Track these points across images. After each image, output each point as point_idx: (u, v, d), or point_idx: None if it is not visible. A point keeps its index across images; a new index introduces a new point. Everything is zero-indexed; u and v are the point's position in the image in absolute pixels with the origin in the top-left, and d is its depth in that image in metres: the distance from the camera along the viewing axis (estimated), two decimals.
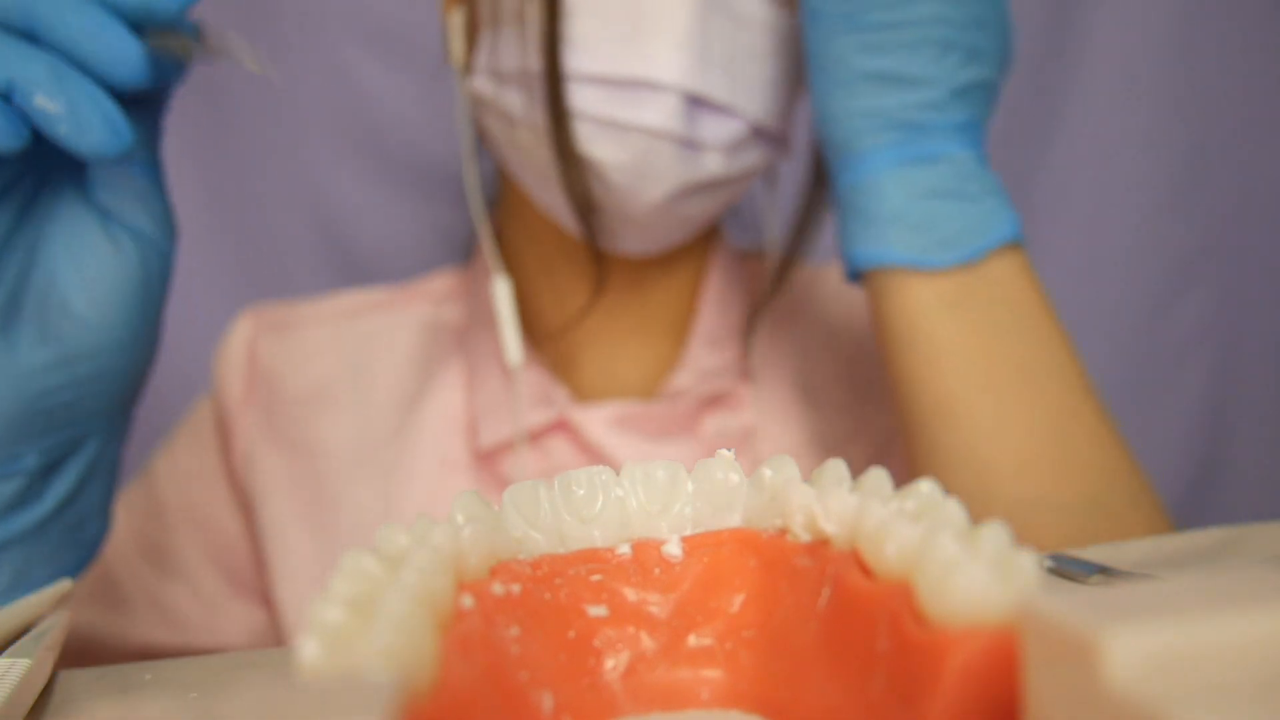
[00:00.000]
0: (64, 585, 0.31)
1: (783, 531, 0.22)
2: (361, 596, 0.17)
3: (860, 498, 0.20)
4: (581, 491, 0.23)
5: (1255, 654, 0.14)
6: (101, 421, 0.34)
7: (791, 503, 0.22)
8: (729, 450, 0.24)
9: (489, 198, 0.56)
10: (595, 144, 0.44)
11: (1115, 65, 0.71)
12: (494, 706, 0.19)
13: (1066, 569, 0.27)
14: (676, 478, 0.23)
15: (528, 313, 0.55)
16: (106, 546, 0.51)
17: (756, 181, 0.53)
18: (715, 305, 0.57)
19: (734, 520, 0.23)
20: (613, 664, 0.21)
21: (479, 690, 0.18)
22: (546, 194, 0.48)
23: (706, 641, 0.22)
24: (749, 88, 0.46)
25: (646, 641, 0.22)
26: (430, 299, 0.60)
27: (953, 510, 0.19)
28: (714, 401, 0.54)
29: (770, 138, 0.48)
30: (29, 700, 0.22)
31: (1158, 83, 0.72)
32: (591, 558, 0.22)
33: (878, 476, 0.21)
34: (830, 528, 0.21)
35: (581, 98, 0.44)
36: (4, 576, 0.32)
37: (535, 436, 0.52)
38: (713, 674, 0.21)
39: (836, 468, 0.22)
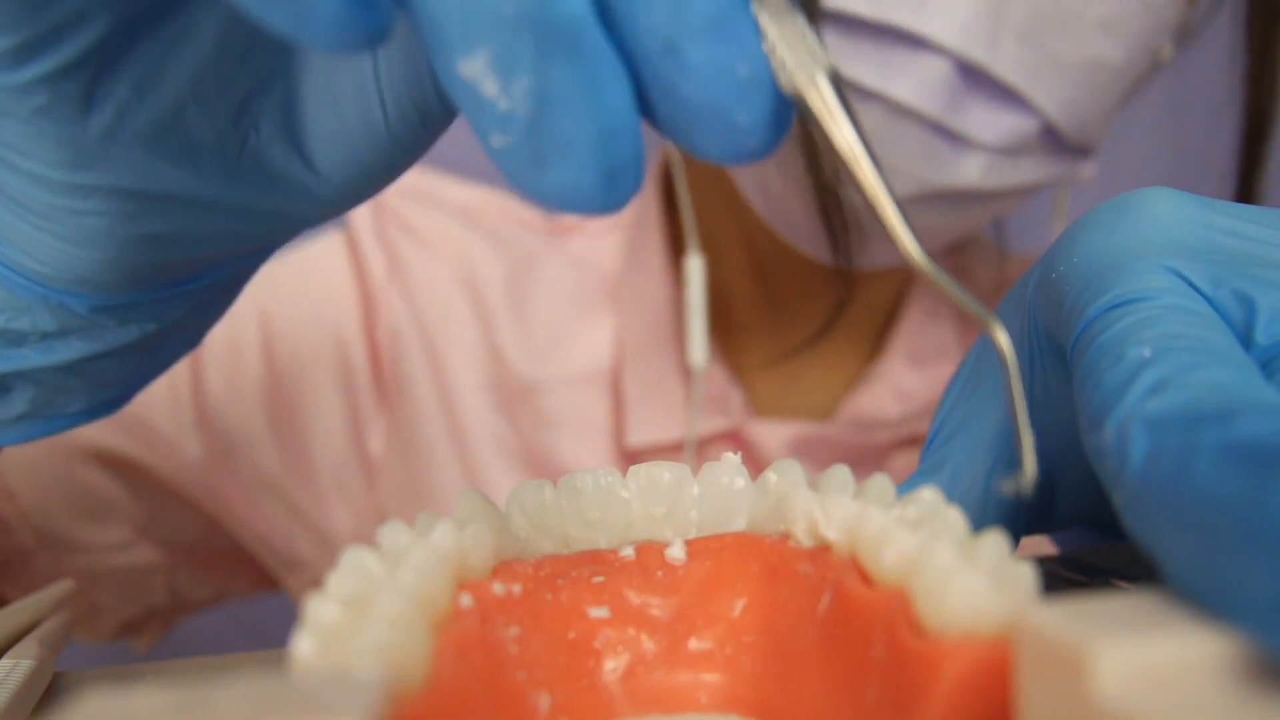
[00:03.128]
0: (64, 585, 0.31)
1: (785, 537, 0.22)
2: (358, 594, 0.18)
3: (861, 504, 0.20)
4: (586, 493, 0.23)
5: (1246, 668, 0.14)
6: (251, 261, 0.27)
7: (794, 508, 0.22)
8: (735, 454, 0.24)
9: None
10: None
11: None
12: (489, 706, 0.19)
13: (1072, 575, 0.27)
14: (682, 481, 0.23)
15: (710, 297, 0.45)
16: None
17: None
18: (921, 315, 0.48)
19: (738, 524, 0.23)
20: (612, 666, 0.21)
21: (474, 689, 0.18)
22: (764, 172, 0.38)
23: (707, 645, 0.22)
24: (1054, 71, 0.34)
25: (647, 644, 0.22)
26: (585, 233, 0.51)
27: (953, 518, 0.19)
28: (913, 440, 0.46)
29: (1068, 146, 0.37)
30: (32, 701, 0.23)
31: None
32: (594, 559, 0.23)
33: (880, 483, 0.21)
34: (831, 534, 0.21)
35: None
36: (100, 382, 0.28)
37: (700, 444, 0.45)
38: (712, 678, 0.21)
39: (840, 474, 0.22)
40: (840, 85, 0.18)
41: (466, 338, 0.52)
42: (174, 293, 0.25)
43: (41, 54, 0.19)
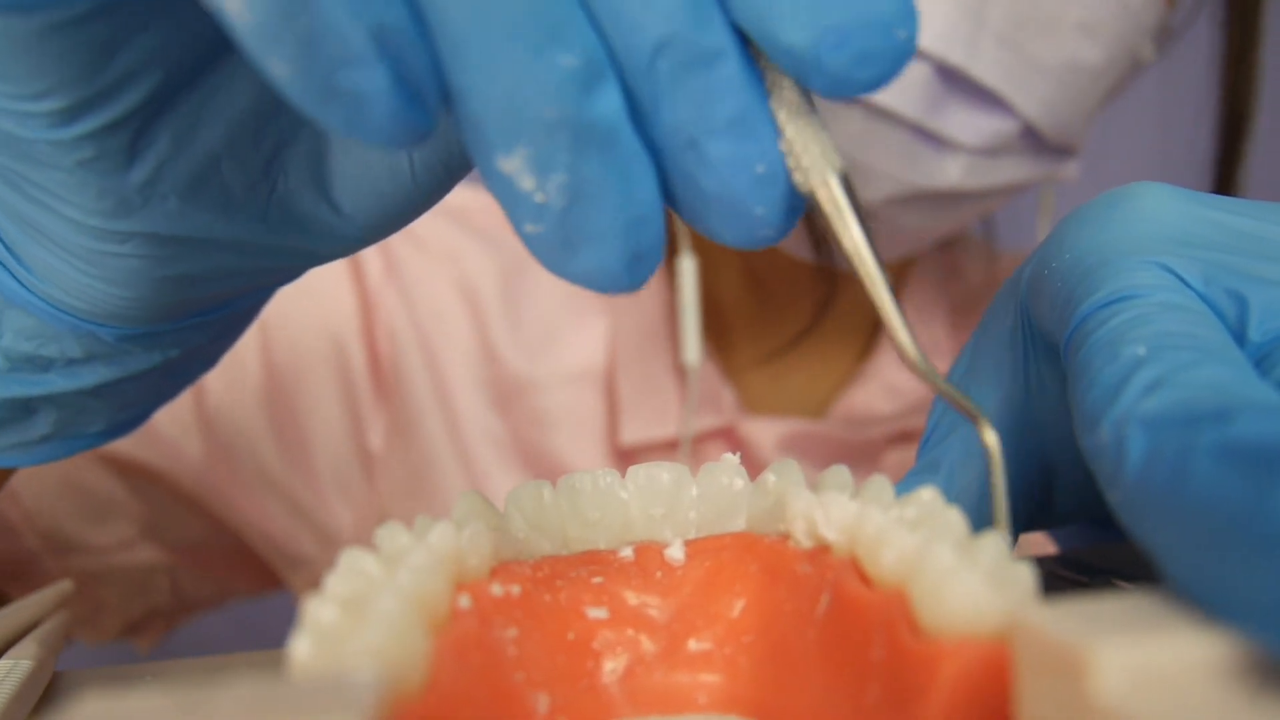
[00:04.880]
0: (64, 585, 0.31)
1: (785, 537, 0.22)
2: (357, 595, 0.18)
3: (860, 504, 0.20)
4: (585, 494, 0.23)
5: (1246, 669, 0.13)
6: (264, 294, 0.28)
7: (793, 508, 0.22)
8: (735, 454, 0.24)
9: None
10: None
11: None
12: (488, 707, 0.19)
13: (1072, 574, 0.27)
14: (681, 481, 0.23)
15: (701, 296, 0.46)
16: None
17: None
18: (912, 312, 0.48)
19: (737, 525, 0.23)
20: (611, 667, 0.21)
21: (472, 691, 0.18)
22: None
23: (706, 646, 0.22)
24: (1033, 73, 0.34)
25: (646, 645, 0.22)
26: None
27: (953, 519, 0.19)
28: (906, 436, 0.47)
29: (1048, 147, 0.38)
30: (31, 701, 0.23)
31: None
32: (593, 560, 0.22)
33: (879, 483, 0.21)
34: (830, 534, 0.21)
35: None
36: (122, 401, 0.28)
37: (693, 442, 0.46)
38: (711, 679, 0.21)
39: (839, 474, 0.22)
40: (850, 186, 0.19)
41: (462, 337, 0.53)
42: (198, 321, 0.26)
43: (89, 114, 0.20)
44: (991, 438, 0.21)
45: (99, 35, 0.19)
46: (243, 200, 0.23)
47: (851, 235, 0.19)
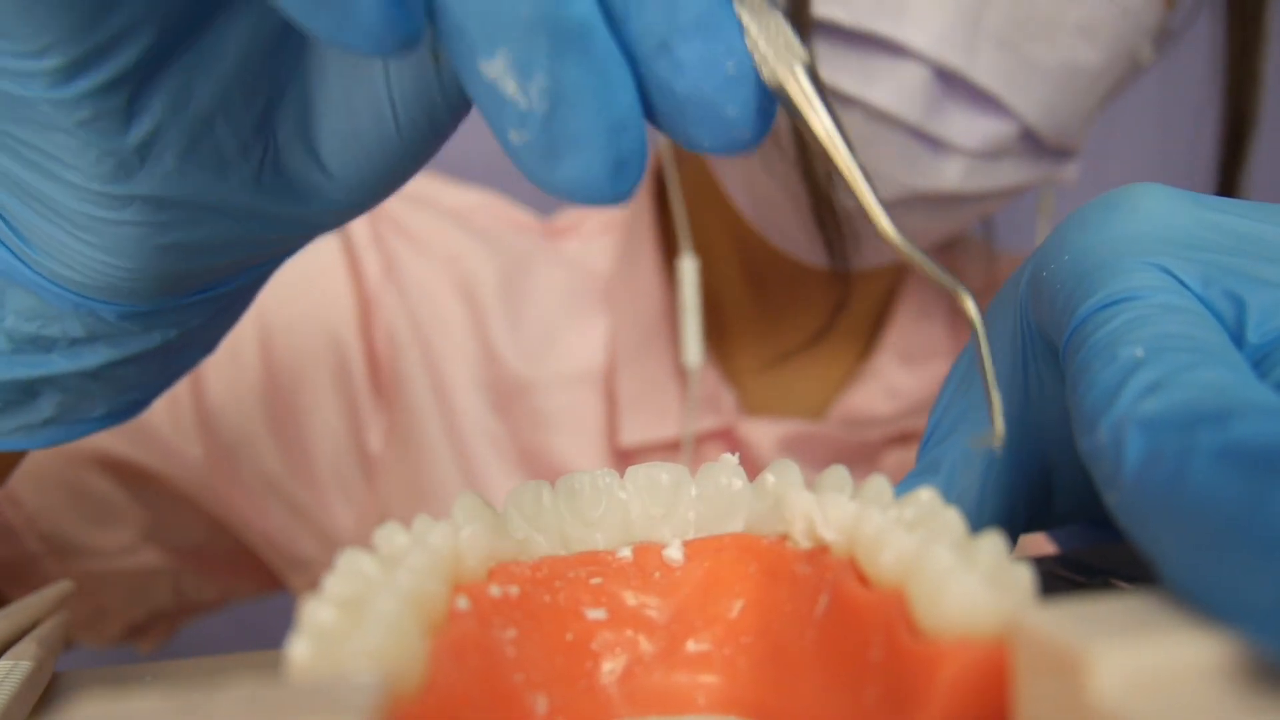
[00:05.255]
0: (63, 586, 0.31)
1: (783, 538, 0.22)
2: (355, 597, 0.18)
3: (859, 505, 0.20)
4: (584, 494, 0.23)
5: (1245, 670, 0.13)
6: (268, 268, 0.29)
7: (792, 508, 0.22)
8: (734, 455, 0.24)
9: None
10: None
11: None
12: (486, 708, 0.19)
13: (1071, 575, 0.27)
14: (680, 481, 0.23)
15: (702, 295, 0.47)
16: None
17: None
18: (912, 313, 0.48)
19: (736, 525, 0.23)
20: (610, 667, 0.21)
21: (470, 692, 0.18)
22: (755, 180, 0.39)
23: (704, 647, 0.22)
24: (1032, 76, 0.35)
25: (644, 645, 0.22)
26: (578, 235, 0.52)
27: (951, 519, 0.19)
28: (905, 437, 0.47)
29: (1047, 149, 0.38)
30: (30, 701, 0.23)
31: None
32: (592, 560, 0.22)
33: (878, 484, 0.21)
34: (829, 535, 0.21)
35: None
36: (120, 390, 0.29)
37: (693, 443, 0.46)
38: (710, 679, 0.21)
39: (838, 474, 0.22)
40: (816, 76, 0.19)
41: (461, 338, 0.53)
42: (195, 300, 0.26)
43: (89, 70, 0.20)
44: (973, 309, 0.21)
45: None
46: (236, 161, 0.23)
47: (822, 122, 0.19)
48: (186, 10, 0.21)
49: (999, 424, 0.21)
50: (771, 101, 0.19)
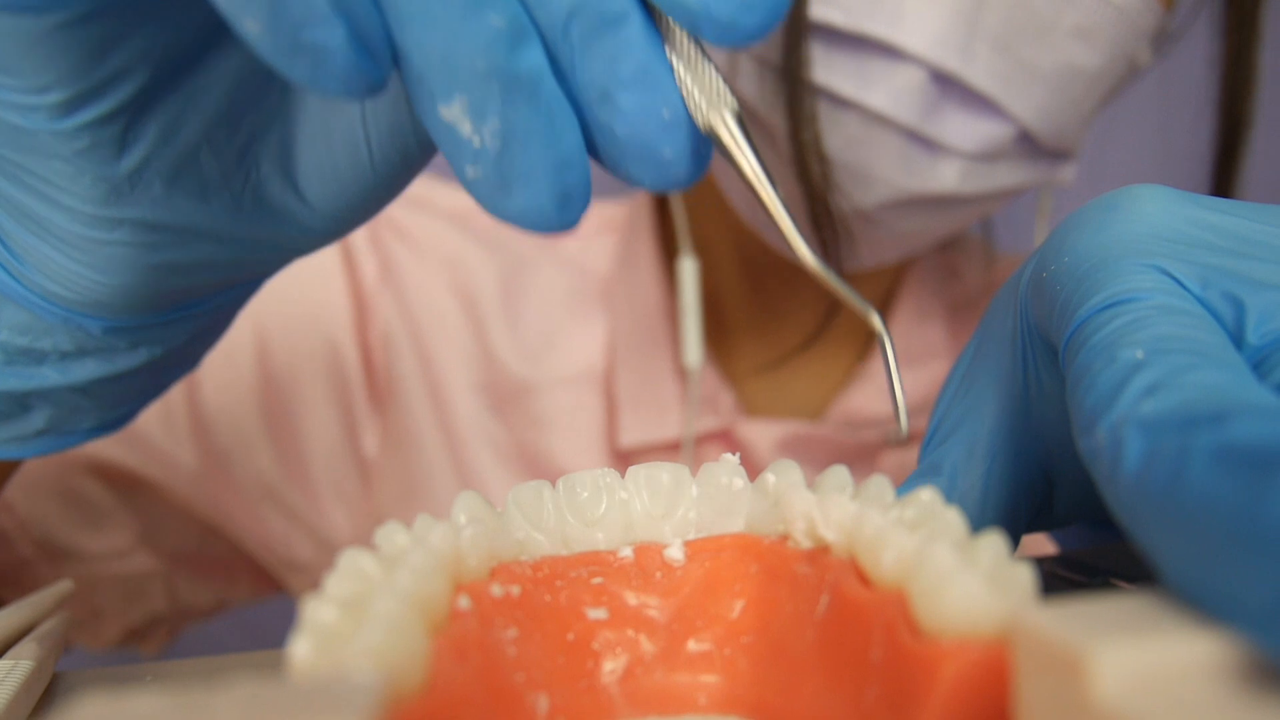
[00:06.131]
0: (63, 586, 0.31)
1: (784, 537, 0.22)
2: (356, 596, 0.18)
3: (859, 505, 0.20)
4: (585, 494, 0.23)
5: (1244, 671, 0.13)
6: (248, 288, 0.30)
7: (793, 508, 0.22)
8: (734, 455, 0.24)
9: None
10: None
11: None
12: (487, 708, 0.19)
13: (1071, 575, 0.27)
14: (681, 481, 0.23)
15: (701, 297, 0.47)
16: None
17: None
18: (911, 314, 0.49)
19: (737, 525, 0.23)
20: (611, 667, 0.21)
21: (472, 691, 0.18)
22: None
23: (705, 646, 0.22)
24: (1029, 79, 0.35)
25: (645, 645, 0.22)
26: (578, 236, 0.53)
27: (951, 519, 0.19)
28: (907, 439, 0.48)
29: (1044, 151, 0.38)
30: (31, 701, 0.23)
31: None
32: (593, 560, 0.22)
33: (879, 484, 0.21)
34: (829, 534, 0.21)
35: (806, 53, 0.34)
36: (105, 405, 0.30)
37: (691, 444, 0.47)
38: (710, 679, 0.21)
39: (838, 474, 0.22)
40: (744, 122, 0.21)
41: (459, 340, 0.53)
42: (178, 317, 0.28)
43: (87, 105, 0.22)
44: (878, 323, 0.23)
45: (97, 34, 0.21)
46: (219, 188, 0.25)
47: (750, 163, 0.21)
48: (179, 50, 0.23)
49: (904, 422, 0.23)
50: (705, 144, 0.21)
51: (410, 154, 0.25)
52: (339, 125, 0.25)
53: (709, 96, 0.21)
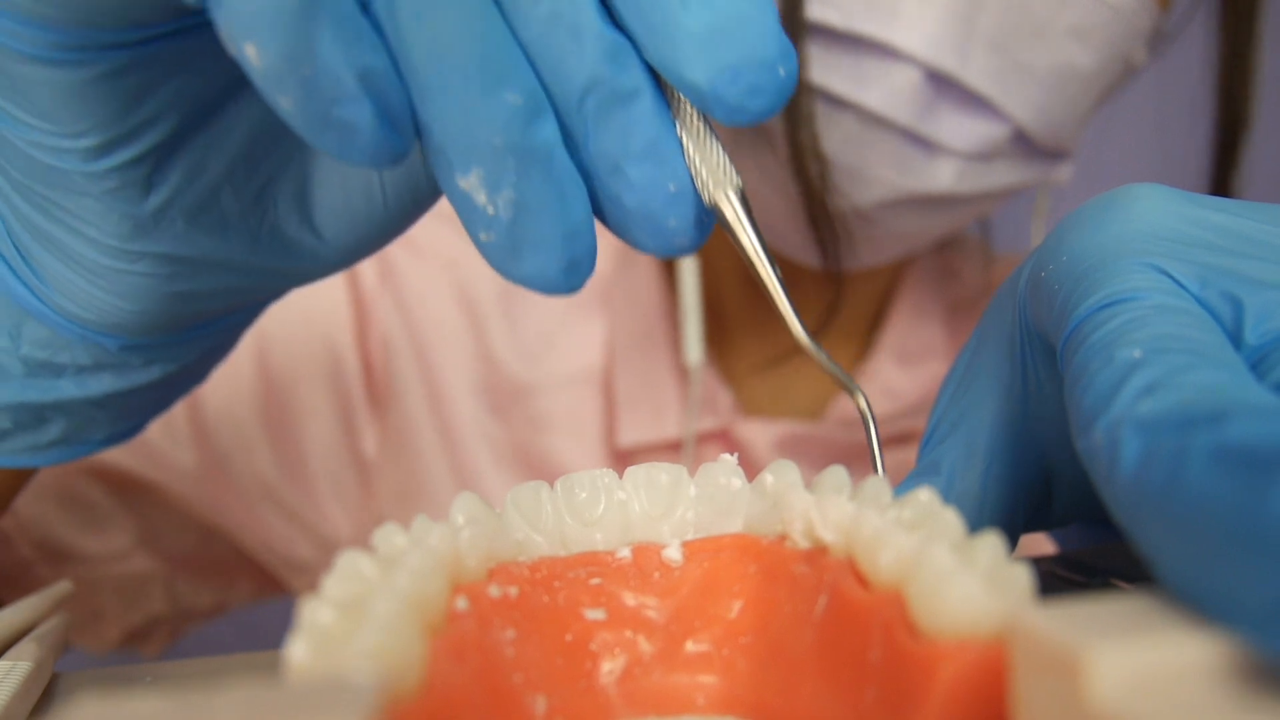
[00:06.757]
0: (63, 586, 0.31)
1: (782, 538, 0.22)
2: (354, 597, 0.18)
3: (857, 505, 0.20)
4: (584, 494, 0.23)
5: (1242, 671, 0.13)
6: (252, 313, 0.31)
7: (791, 509, 0.22)
8: (732, 455, 0.24)
9: None
10: None
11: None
12: (486, 709, 0.19)
13: (1070, 575, 0.27)
14: (679, 481, 0.23)
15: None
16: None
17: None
18: (909, 313, 0.49)
19: (735, 525, 0.23)
20: (609, 668, 0.21)
21: (470, 692, 0.18)
22: (750, 182, 0.40)
23: (704, 647, 0.22)
24: (1024, 79, 0.35)
25: (644, 646, 0.22)
26: None
27: (950, 520, 0.19)
28: (902, 438, 0.47)
29: (1041, 151, 0.38)
30: (30, 702, 0.23)
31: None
32: (591, 561, 0.22)
33: (877, 484, 0.21)
34: (828, 535, 0.20)
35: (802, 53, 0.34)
36: (114, 418, 0.31)
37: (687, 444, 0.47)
38: (709, 680, 0.21)
39: (837, 475, 0.22)
40: (745, 199, 0.22)
41: (458, 341, 0.53)
42: (191, 337, 0.29)
43: (119, 149, 0.23)
44: (864, 403, 0.24)
45: (133, 85, 0.22)
46: (238, 225, 0.26)
47: (750, 239, 0.23)
48: (205, 98, 0.24)
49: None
50: (708, 215, 0.22)
51: (421, 194, 0.26)
52: (355, 172, 0.26)
53: (715, 174, 0.22)
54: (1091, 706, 0.13)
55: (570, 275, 0.21)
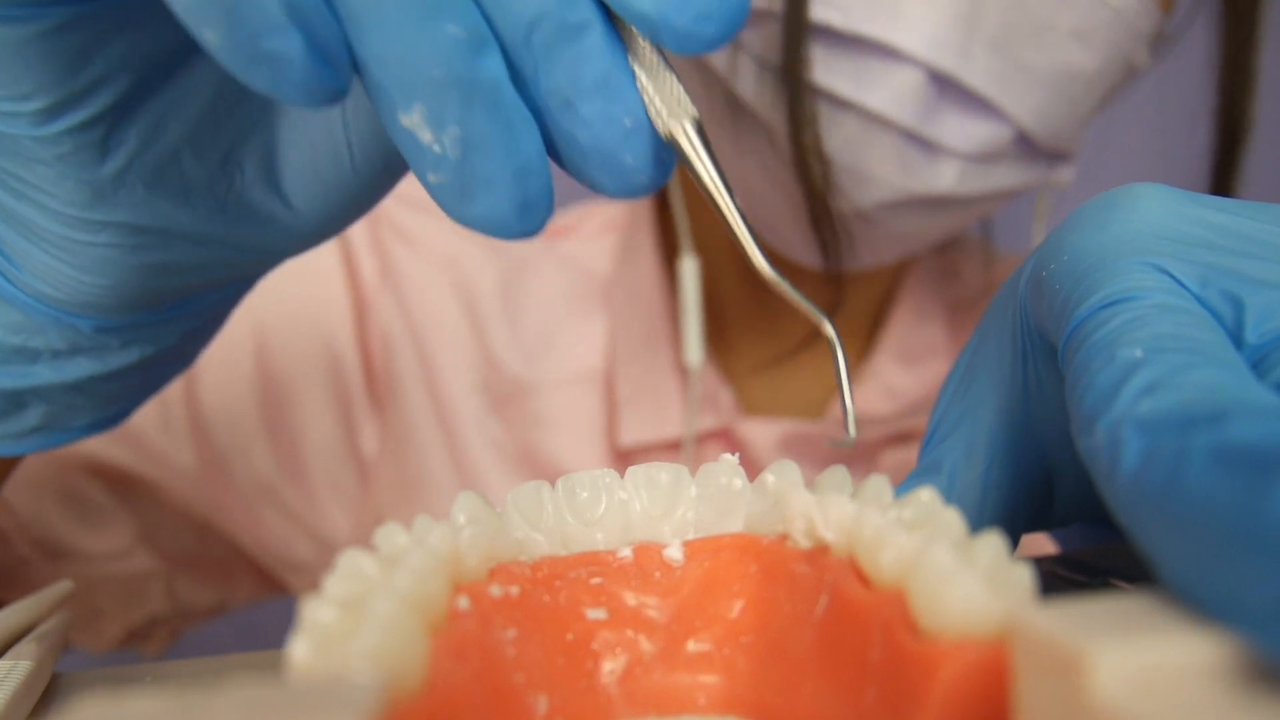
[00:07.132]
0: (63, 586, 0.31)
1: (783, 538, 0.22)
2: (355, 597, 0.18)
3: (859, 505, 0.20)
4: (585, 494, 0.23)
5: (1243, 671, 0.13)
6: (241, 287, 0.30)
7: (792, 508, 0.22)
8: (733, 454, 0.24)
9: None
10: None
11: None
12: (487, 709, 0.19)
13: (1071, 575, 0.27)
14: (680, 481, 0.23)
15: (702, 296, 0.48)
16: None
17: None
18: (911, 313, 0.49)
19: (736, 525, 0.23)
20: (610, 667, 0.21)
21: (471, 692, 0.18)
22: (751, 181, 0.40)
23: (705, 647, 0.22)
24: (1026, 81, 0.35)
25: (645, 645, 0.22)
26: (578, 235, 0.53)
27: (951, 519, 0.19)
28: (903, 437, 0.47)
29: (1042, 152, 0.38)
30: (30, 702, 0.23)
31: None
32: (592, 560, 0.22)
33: (878, 484, 0.21)
34: (829, 535, 0.21)
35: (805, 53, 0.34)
36: (103, 402, 0.31)
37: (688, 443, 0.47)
38: (710, 679, 0.21)
39: (838, 474, 0.22)
40: (703, 130, 0.22)
41: (459, 340, 0.53)
42: (168, 317, 0.28)
43: (69, 111, 0.22)
44: (830, 331, 0.24)
45: (76, 42, 0.21)
46: (203, 192, 0.25)
47: (708, 170, 0.22)
48: (159, 58, 0.23)
49: (852, 428, 0.24)
50: (667, 152, 0.22)
51: (392, 157, 0.25)
52: (320, 131, 0.25)
53: (670, 105, 0.21)
54: (1092, 706, 0.13)
55: (524, 216, 0.21)
